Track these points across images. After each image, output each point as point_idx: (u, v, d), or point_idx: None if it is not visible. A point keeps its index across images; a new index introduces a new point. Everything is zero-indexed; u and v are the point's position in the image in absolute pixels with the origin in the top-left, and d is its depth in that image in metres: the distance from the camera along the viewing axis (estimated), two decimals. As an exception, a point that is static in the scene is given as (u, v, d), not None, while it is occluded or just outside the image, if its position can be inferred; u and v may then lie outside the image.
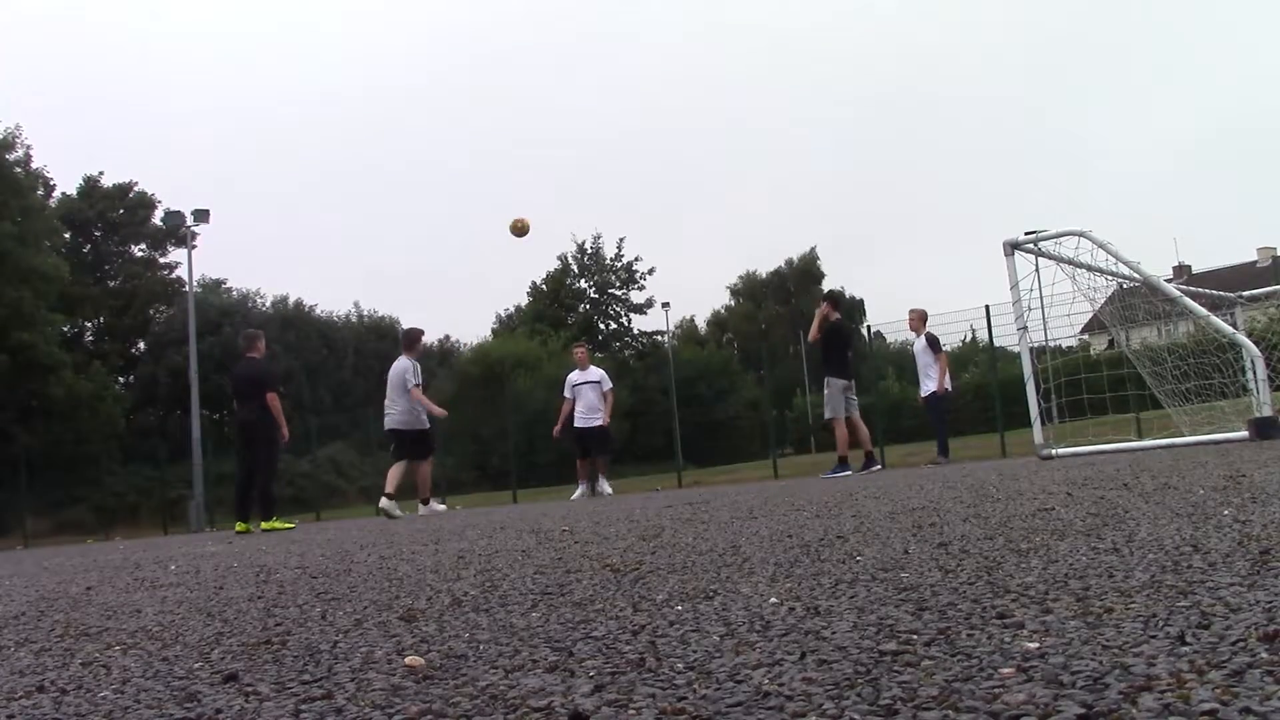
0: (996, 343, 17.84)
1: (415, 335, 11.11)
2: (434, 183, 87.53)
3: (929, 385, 11.70)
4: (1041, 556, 1.83)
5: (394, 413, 10.37)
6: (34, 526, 26.64)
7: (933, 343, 11.78)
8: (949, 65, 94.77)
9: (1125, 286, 10.28)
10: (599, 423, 11.80)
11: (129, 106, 75.69)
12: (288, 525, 9.72)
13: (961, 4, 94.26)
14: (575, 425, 11.88)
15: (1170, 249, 65.77)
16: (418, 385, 10.36)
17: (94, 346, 41.92)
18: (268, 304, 45.38)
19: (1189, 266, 48.06)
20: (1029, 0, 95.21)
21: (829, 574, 1.87)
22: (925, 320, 11.96)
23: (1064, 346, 11.99)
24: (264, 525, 9.47)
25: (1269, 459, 4.46)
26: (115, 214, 43.30)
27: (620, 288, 52.17)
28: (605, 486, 11.77)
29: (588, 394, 11.89)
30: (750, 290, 60.88)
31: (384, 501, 10.00)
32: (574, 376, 12.12)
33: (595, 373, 12.07)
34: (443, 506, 10.45)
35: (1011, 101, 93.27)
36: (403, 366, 10.44)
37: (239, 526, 9.63)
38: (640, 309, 52.05)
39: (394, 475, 10.21)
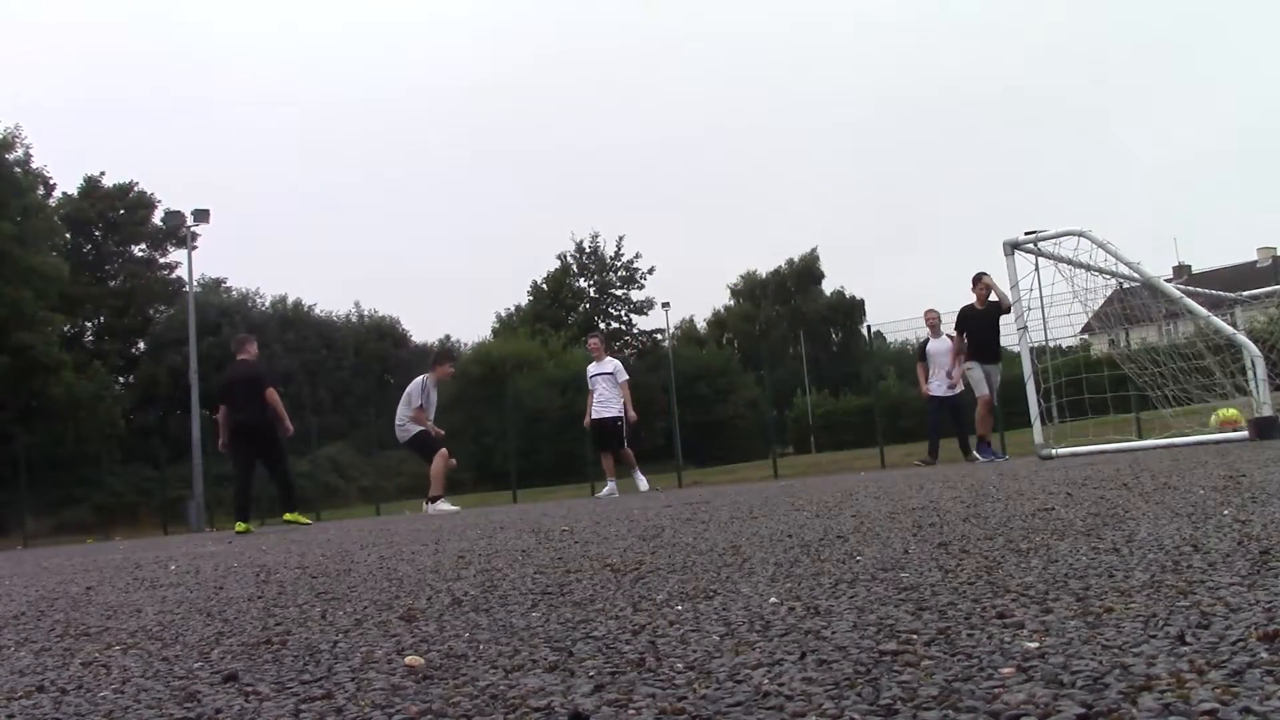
0: (996, 342, 17.79)
1: (440, 356, 11.77)
2: (434, 183, 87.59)
3: (945, 384, 11.71)
4: (1041, 556, 1.83)
5: (399, 427, 10.90)
6: (34, 526, 26.63)
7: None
8: (949, 65, 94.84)
9: (1125, 286, 10.28)
10: (611, 414, 11.63)
11: (130, 106, 75.79)
12: (305, 520, 10.19)
13: (963, 6, 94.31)
14: (592, 417, 11.75)
15: (1170, 249, 65.76)
16: (420, 408, 10.76)
17: (94, 346, 41.93)
18: (267, 304, 45.43)
19: (1189, 266, 48.05)
20: (1031, 2, 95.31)
21: (829, 574, 1.87)
22: (941, 321, 12.12)
23: (1064, 346, 11.98)
24: (287, 516, 9.89)
25: (1269, 459, 4.46)
26: (116, 214, 43.32)
27: (620, 287, 52.20)
28: (641, 481, 11.53)
29: (601, 385, 11.76)
30: (750, 290, 60.88)
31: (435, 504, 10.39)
32: (590, 368, 12.01)
33: (609, 364, 11.90)
34: (451, 508, 10.54)
35: (1012, 102, 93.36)
36: (415, 384, 10.94)
37: (239, 527, 9.70)
38: (640, 309, 52.08)
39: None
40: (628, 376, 11.91)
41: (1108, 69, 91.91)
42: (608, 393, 11.68)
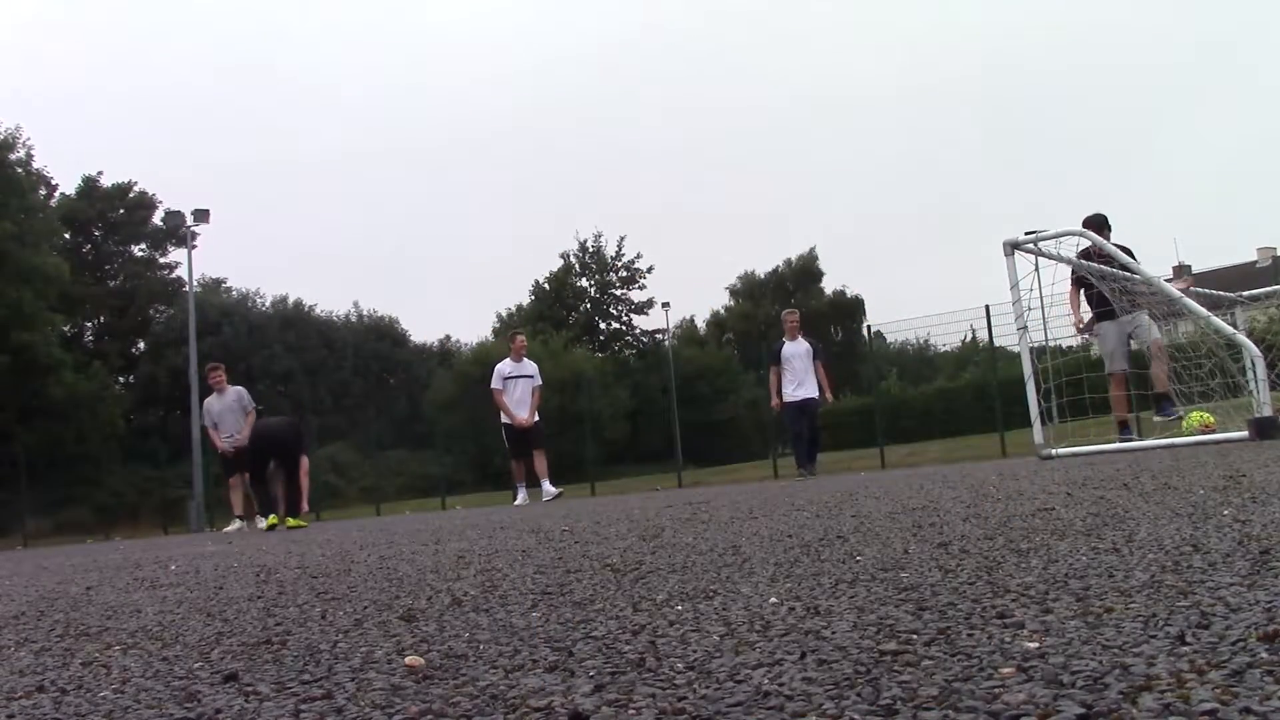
0: (996, 343, 17.89)
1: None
2: (434, 181, 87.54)
3: (813, 390, 11.43)
4: (1041, 556, 1.83)
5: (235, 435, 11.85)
6: (34, 526, 26.63)
7: (816, 350, 11.64)
8: (949, 64, 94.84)
9: (1125, 286, 10.26)
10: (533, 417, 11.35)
11: (129, 106, 75.78)
12: (305, 524, 10.59)
13: (964, 4, 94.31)
14: (516, 419, 11.28)
15: (1170, 249, 65.74)
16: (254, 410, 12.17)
17: (94, 346, 41.96)
18: (268, 304, 45.47)
19: (1189, 266, 48.02)
20: (1034, 2, 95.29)
21: (829, 574, 1.87)
22: (799, 324, 11.80)
23: (1064, 346, 11.96)
24: (291, 522, 10.24)
25: (1269, 459, 4.46)
26: (115, 214, 43.35)
27: (621, 287, 52.19)
28: (549, 487, 11.19)
29: (520, 388, 11.35)
30: (749, 290, 60.84)
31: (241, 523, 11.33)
32: (507, 367, 11.47)
33: (530, 366, 11.48)
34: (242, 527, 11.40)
35: (1012, 102, 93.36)
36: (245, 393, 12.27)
37: (290, 522, 10.25)
38: (641, 309, 52.07)
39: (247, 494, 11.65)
40: (541, 382, 11.60)
41: (1111, 70, 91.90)
42: (527, 396, 11.32)
